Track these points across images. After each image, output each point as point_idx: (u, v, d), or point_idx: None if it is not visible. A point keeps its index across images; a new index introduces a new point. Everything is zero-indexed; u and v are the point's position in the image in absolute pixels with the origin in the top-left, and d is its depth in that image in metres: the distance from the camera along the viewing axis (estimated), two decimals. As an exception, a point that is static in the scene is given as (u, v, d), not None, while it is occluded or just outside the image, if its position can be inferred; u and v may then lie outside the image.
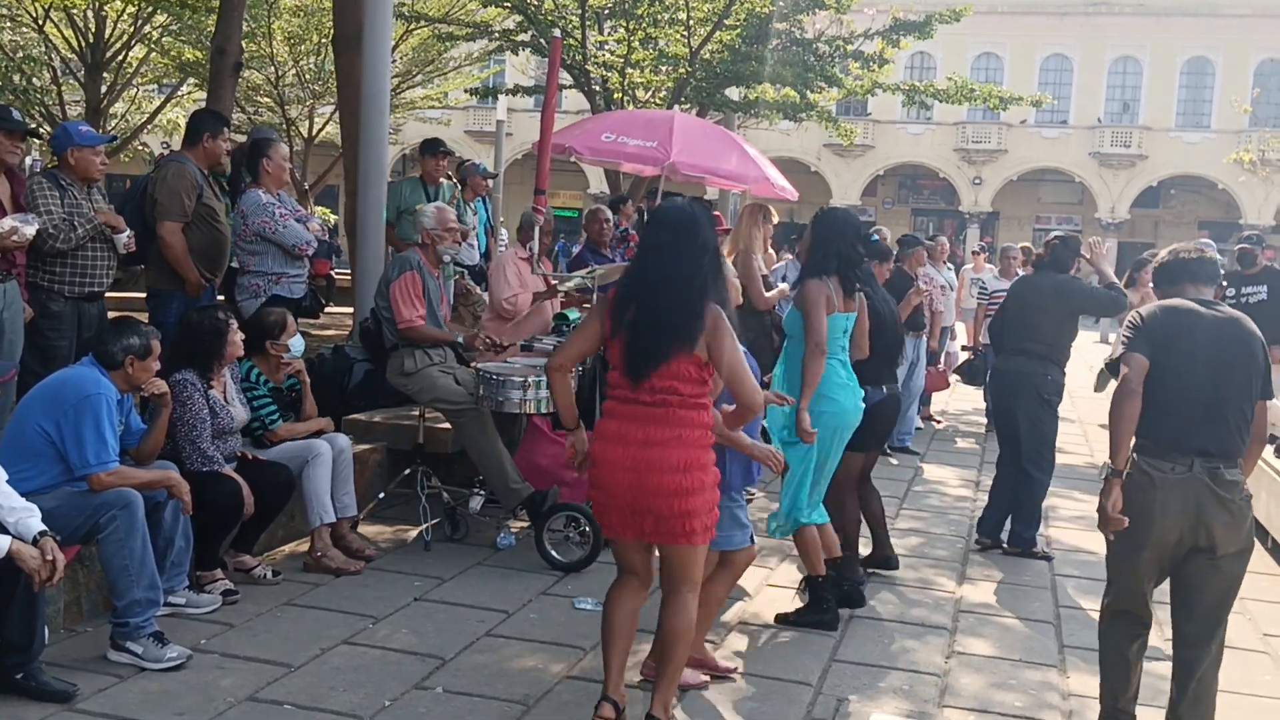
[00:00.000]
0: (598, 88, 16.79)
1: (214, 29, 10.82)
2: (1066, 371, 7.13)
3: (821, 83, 16.47)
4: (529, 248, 7.75)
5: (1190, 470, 4.03)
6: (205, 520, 5.17)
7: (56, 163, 6.27)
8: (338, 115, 13.19)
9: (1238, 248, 11.11)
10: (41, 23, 18.60)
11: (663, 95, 16.66)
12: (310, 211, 8.19)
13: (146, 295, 6.82)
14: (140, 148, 25.82)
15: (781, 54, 16.02)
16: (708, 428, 4.04)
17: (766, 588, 6.14)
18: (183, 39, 20.05)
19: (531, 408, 6.24)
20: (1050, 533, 7.19)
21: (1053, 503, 7.16)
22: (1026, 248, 12.72)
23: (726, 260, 4.91)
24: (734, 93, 17.48)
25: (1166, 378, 4.10)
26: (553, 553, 6.21)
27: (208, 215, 6.62)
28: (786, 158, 38.92)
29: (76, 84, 20.76)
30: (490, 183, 10.65)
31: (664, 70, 16.37)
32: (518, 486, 6.39)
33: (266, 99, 22.96)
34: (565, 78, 16.41)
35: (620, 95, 16.58)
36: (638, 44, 16.17)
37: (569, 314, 7.67)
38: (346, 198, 10.33)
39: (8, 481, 4.23)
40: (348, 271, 9.72)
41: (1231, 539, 4.04)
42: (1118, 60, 43.93)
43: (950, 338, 12.96)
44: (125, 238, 6.15)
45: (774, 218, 8.62)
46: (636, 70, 16.44)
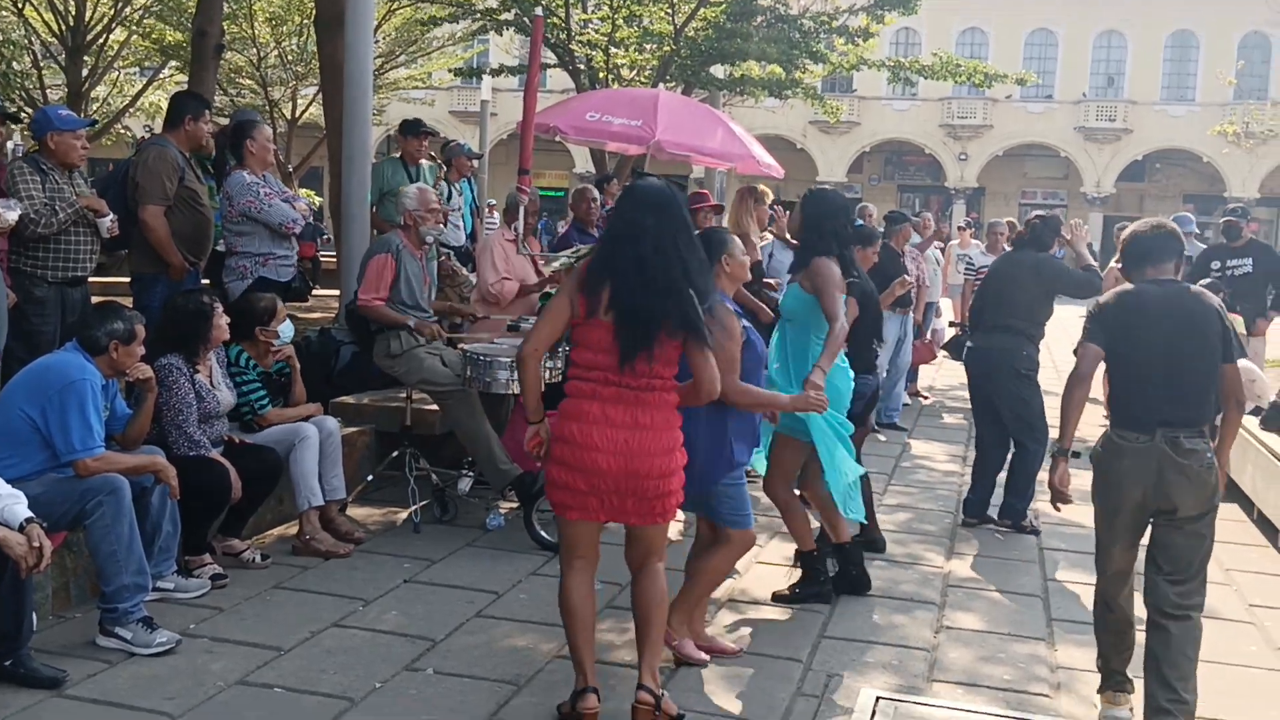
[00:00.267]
0: (582, 66, 16.73)
1: (195, 11, 10.76)
2: (1041, 348, 7.19)
3: (807, 59, 16.44)
4: (514, 228, 7.72)
5: (1153, 440, 4.29)
6: (193, 505, 5.15)
7: (37, 147, 6.23)
8: (320, 97, 13.12)
9: (1223, 221, 11.14)
10: (21, 6, 18.47)
11: (647, 74, 16.60)
12: (295, 193, 8.15)
13: (130, 280, 6.79)
14: (122, 131, 25.66)
15: (766, 31, 15.98)
16: (677, 408, 4.10)
17: (756, 565, 6.16)
18: (164, 21, 19.91)
19: (518, 388, 6.22)
20: (1037, 505, 7.21)
21: (1039, 476, 7.18)
22: (1012, 223, 12.73)
23: (735, 239, 4.88)
24: (719, 70, 17.44)
25: (1125, 359, 4.41)
26: (542, 533, 6.22)
27: (190, 198, 6.58)
28: (772, 135, 38.86)
29: (57, 68, 20.63)
30: (475, 163, 10.60)
31: (648, 48, 16.33)
32: (506, 467, 6.39)
33: (249, 81, 22.86)
34: (549, 57, 16.35)
35: (605, 74, 16.53)
36: (622, 22, 16.12)
37: (554, 294, 7.64)
38: (331, 179, 10.29)
39: (-7, 468, 4.21)
40: (333, 254, 9.69)
41: (1191, 502, 4.27)
42: (1102, 34, 43.93)
43: (935, 314, 12.98)
44: (108, 222, 6.11)
45: (767, 199, 8.62)
46: (621, 49, 16.39)
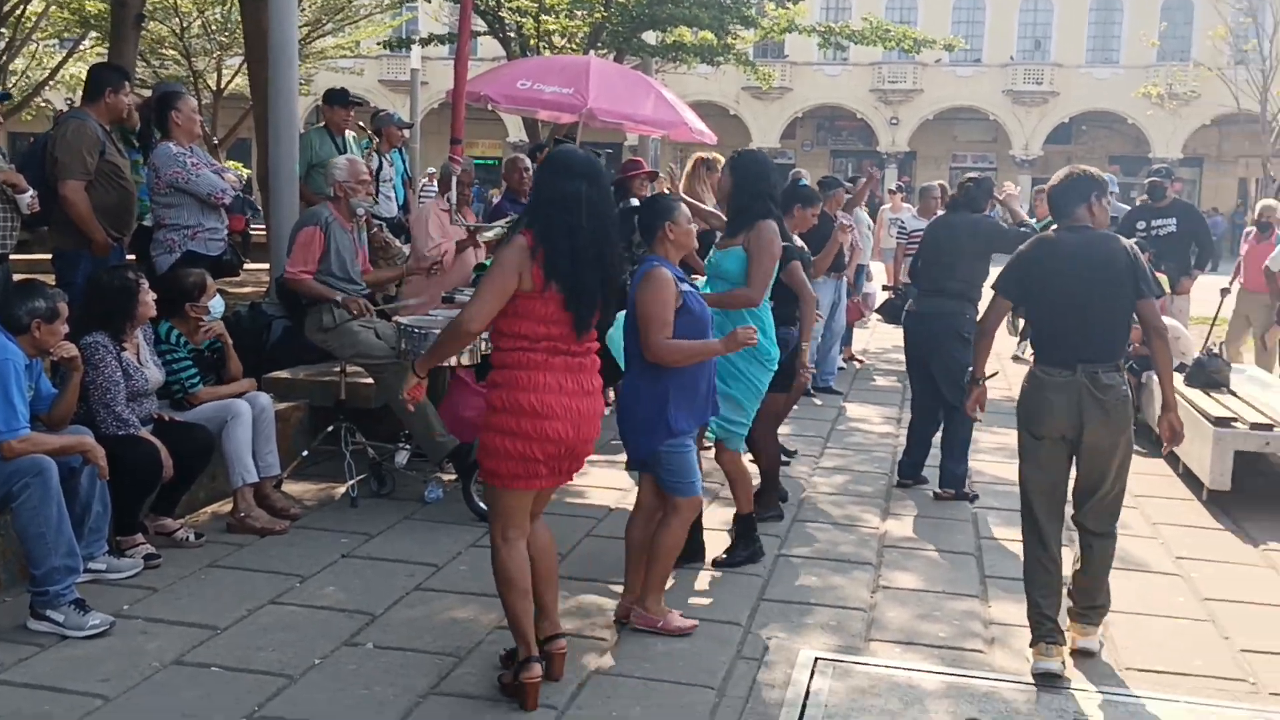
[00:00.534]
0: (512, 34, 16.58)
1: (114, -20, 10.49)
2: (979, 309, 7.24)
3: (738, 24, 16.41)
4: (447, 198, 7.66)
5: (1074, 375, 4.62)
6: (123, 484, 5.07)
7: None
8: (246, 67, 12.88)
9: (1147, 181, 11.31)
10: (-68, -24, 17.89)
11: (579, 40, 16.49)
12: (222, 166, 8.02)
13: (52, 256, 6.66)
14: (42, 105, 25.05)
15: (697, -4, 15.91)
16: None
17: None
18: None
19: (454, 360, 6.17)
20: (971, 464, 7.32)
21: (973, 435, 7.30)
22: (943, 186, 12.83)
23: (681, 206, 4.86)
24: (651, 37, 17.35)
25: (1043, 303, 4.78)
26: (481, 504, 6.19)
27: (112, 172, 6.45)
28: (705, 102, 38.80)
29: (-28, 40, 20.06)
30: (406, 133, 10.49)
31: (579, 15, 16.20)
32: (443, 440, 6.35)
33: (172, 51, 22.39)
34: (479, 24, 16.17)
35: (535, 41, 16.39)
36: (552, -14, 15.97)
37: (488, 264, 7.59)
38: (258, 151, 10.13)
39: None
40: (262, 227, 9.54)
41: (1108, 430, 4.63)
42: (1029, -3, 44.33)
43: (866, 277, 13.08)
44: (28, 198, 5.97)
45: (719, 167, 8.61)
46: (551, 15, 16.24)
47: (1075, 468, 4.73)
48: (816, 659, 4.57)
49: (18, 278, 5.72)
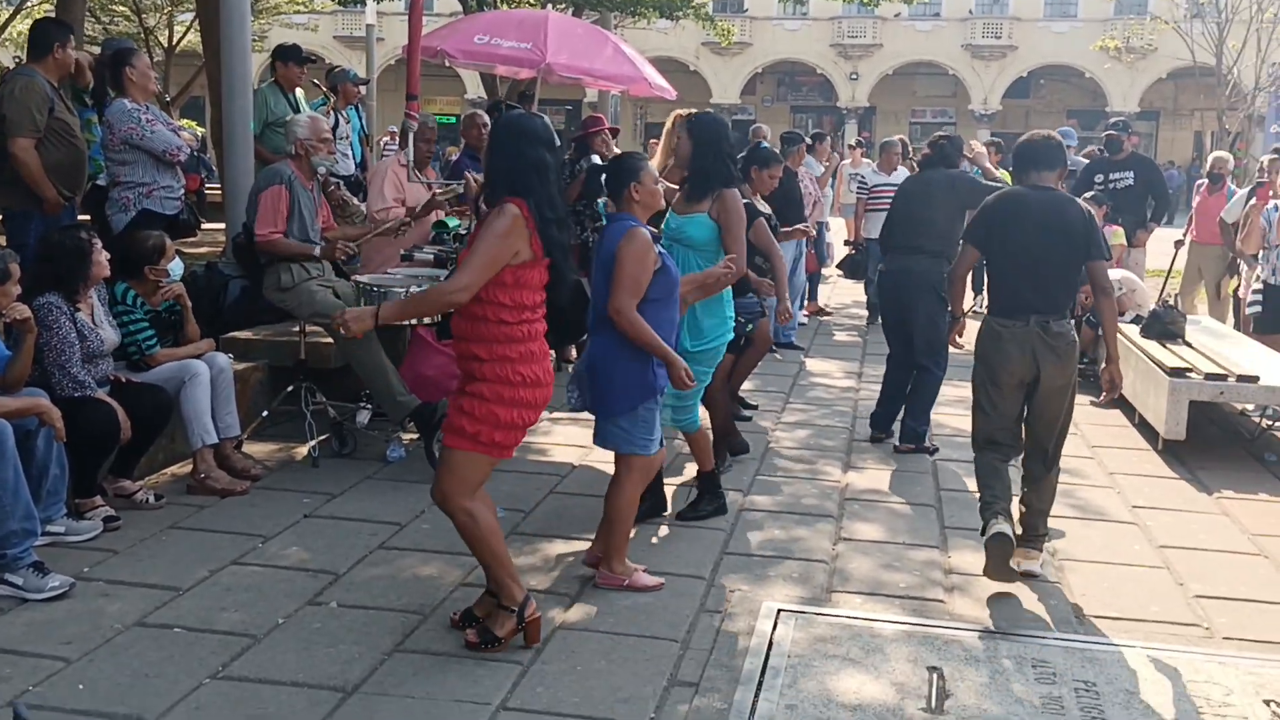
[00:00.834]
0: (469, -12, 16.38)
1: (60, -67, 10.27)
2: None
3: (697, -23, 16.30)
4: (405, 154, 7.59)
5: (1027, 324, 4.99)
6: (80, 446, 5.02)
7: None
8: (198, 23, 12.67)
9: (1105, 134, 11.38)
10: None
11: (536, -6, 16.33)
12: (177, 124, 7.92)
13: (2, 217, 6.55)
14: (-11, 63, 24.55)
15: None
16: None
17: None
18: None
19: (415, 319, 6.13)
20: (933, 417, 7.38)
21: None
22: (904, 141, 12.85)
23: (649, 166, 4.81)
24: (609, -10, 17.21)
25: (1003, 255, 5.13)
26: (445, 464, 6.18)
27: (62, 130, 6.35)
28: (665, 57, 38.57)
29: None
30: (362, 89, 10.36)
31: (537, -32, 16.03)
32: (404, 399, 6.32)
33: (122, 7, 22.00)
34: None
35: (492, -5, 16.21)
36: (508, -60, 15.78)
37: (448, 222, 7.54)
38: (211, 109, 9.98)
39: None
40: (217, 186, 9.42)
41: (1058, 374, 5.03)
42: (988, -50, 44.27)
43: (826, 229, 13.13)
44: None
45: None
46: (508, -31, 16.07)
47: (1029, 407, 5.12)
48: (779, 610, 4.61)
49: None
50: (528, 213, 3.92)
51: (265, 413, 6.67)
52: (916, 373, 7.22)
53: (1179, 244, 11.20)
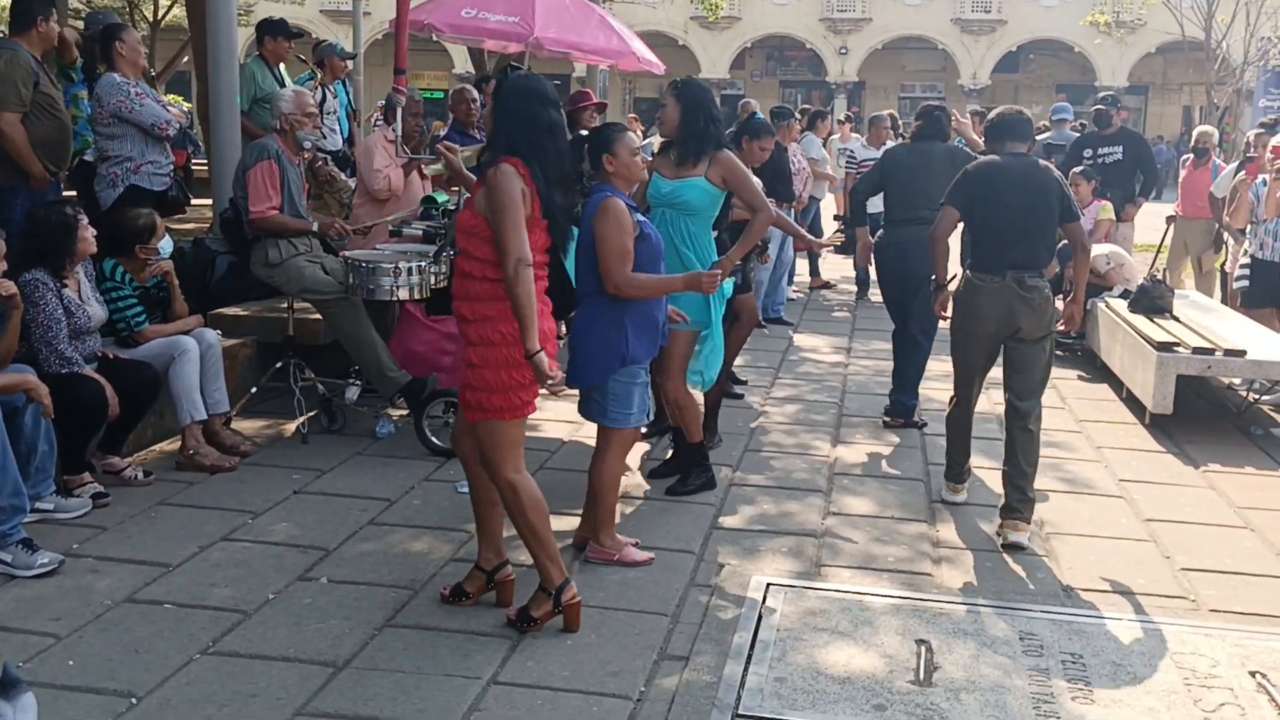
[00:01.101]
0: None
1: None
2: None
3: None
4: (393, 129, 7.55)
5: (1004, 280, 5.30)
6: (68, 423, 5.00)
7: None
8: (183, -3, 12.58)
9: (1093, 109, 11.36)
10: None
11: (524, -32, 16.19)
12: (165, 100, 7.90)
13: (-12, 193, 6.49)
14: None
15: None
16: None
17: (649, 462, 6.21)
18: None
19: (404, 294, 6.12)
20: (922, 391, 7.40)
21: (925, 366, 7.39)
22: (893, 115, 12.83)
23: (627, 136, 4.77)
24: (597, -36, 17.10)
25: (983, 216, 5.45)
26: (433, 439, 6.19)
27: (47, 104, 6.30)
28: (653, 31, 38.40)
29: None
30: (349, 64, 10.29)
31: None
32: (394, 374, 6.32)
33: (106, -19, 21.79)
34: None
35: (480, -31, 16.08)
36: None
37: (437, 196, 7.52)
38: (198, 84, 9.91)
39: None
40: (204, 162, 9.37)
41: (1033, 327, 5.31)
42: (978, -76, 44.10)
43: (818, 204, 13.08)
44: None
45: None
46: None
47: (1005, 359, 5.44)
48: (769, 584, 4.63)
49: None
50: (524, 171, 3.91)
51: (254, 389, 6.66)
52: (906, 347, 7.21)
53: (1170, 219, 11.21)
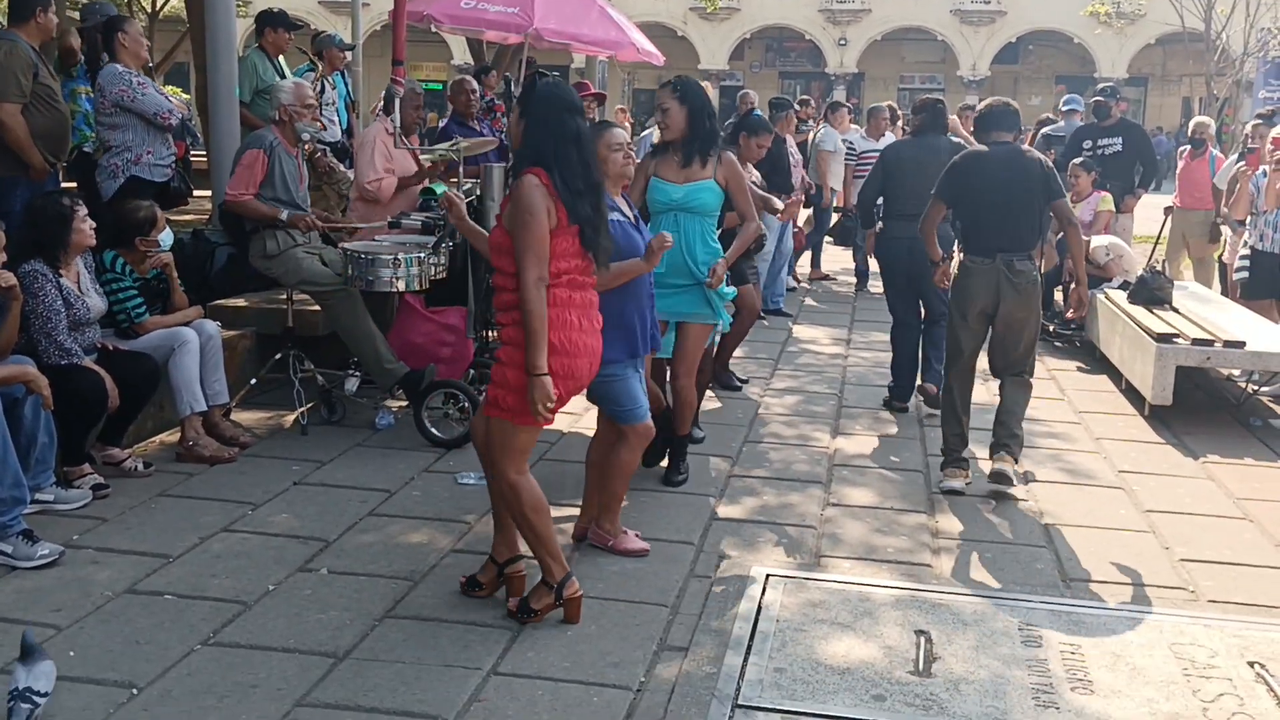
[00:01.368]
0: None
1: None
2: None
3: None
4: (392, 120, 7.54)
5: (993, 262, 5.67)
6: (68, 414, 5.00)
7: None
8: (181, -12, 12.55)
9: (1093, 101, 11.35)
10: None
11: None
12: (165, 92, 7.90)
13: (-12, 184, 6.49)
14: (-32, 28, 24.24)
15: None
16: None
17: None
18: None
19: (402, 285, 6.11)
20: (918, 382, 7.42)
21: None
22: (892, 107, 12.80)
23: (612, 131, 4.76)
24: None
25: (972, 203, 5.78)
26: (433, 430, 6.20)
27: (46, 95, 6.31)
28: (652, 22, 38.30)
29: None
30: (348, 56, 10.28)
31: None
32: (393, 366, 6.32)
33: (103, -28, 21.70)
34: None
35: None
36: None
37: (435, 188, 7.51)
38: (196, 75, 9.90)
39: None
40: (203, 153, 9.37)
41: (1019, 307, 5.69)
42: (977, -86, 43.94)
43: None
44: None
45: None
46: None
47: (991, 336, 5.83)
48: (768, 575, 4.63)
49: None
50: (547, 180, 3.89)
51: (253, 380, 6.66)
52: (932, 328, 7.25)
53: (1169, 211, 11.21)
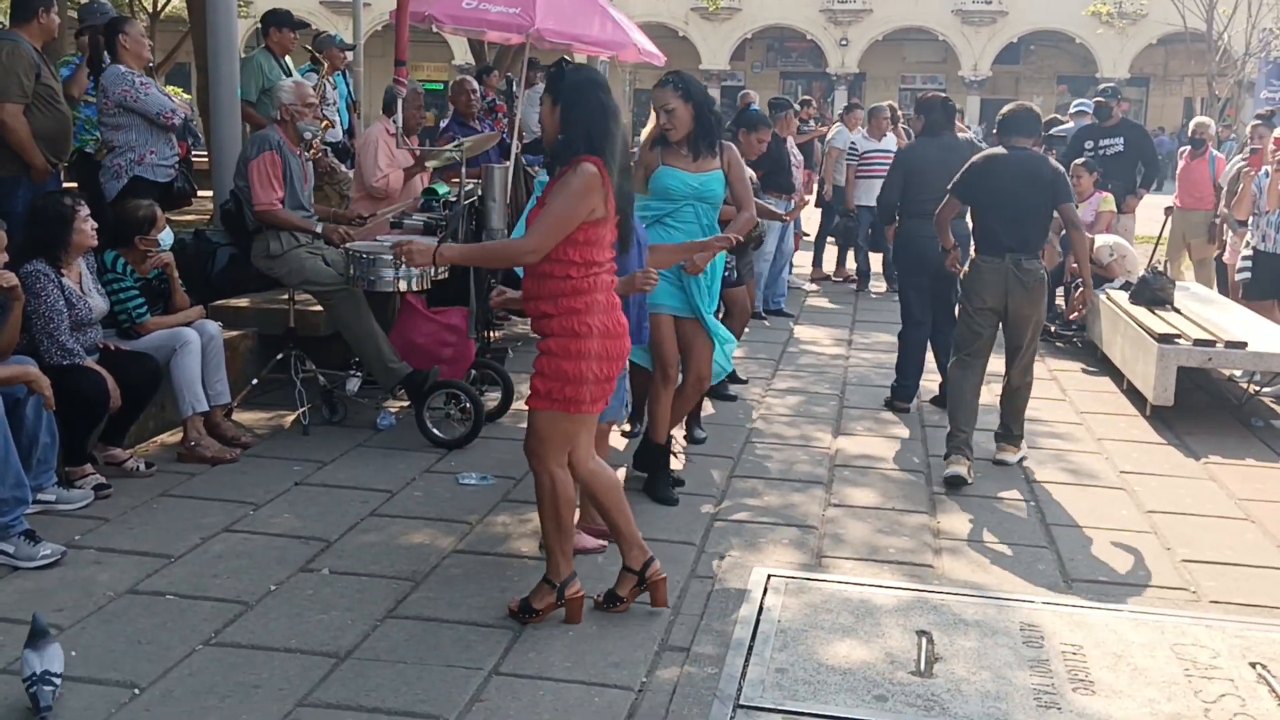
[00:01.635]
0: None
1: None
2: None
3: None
4: (394, 121, 7.55)
5: (1003, 261, 5.97)
6: (70, 414, 5.00)
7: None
8: (182, -12, 12.55)
9: (1094, 101, 11.34)
10: None
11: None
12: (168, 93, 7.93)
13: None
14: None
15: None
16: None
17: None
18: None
19: (404, 285, 6.11)
20: (923, 383, 7.41)
21: (925, 356, 7.41)
22: (892, 106, 12.79)
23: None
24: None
25: (985, 203, 6.08)
26: (434, 430, 6.20)
27: (48, 96, 6.31)
28: (654, 23, 38.32)
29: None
30: (349, 56, 10.29)
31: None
32: (395, 366, 6.32)
33: (105, -28, 21.71)
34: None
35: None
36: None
37: (438, 188, 7.51)
38: (198, 75, 9.90)
39: None
40: (204, 153, 9.38)
41: (1026, 305, 5.99)
42: (978, -86, 43.91)
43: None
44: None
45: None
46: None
47: (1004, 330, 6.09)
48: (770, 576, 4.63)
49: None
50: (604, 170, 3.88)
51: (255, 380, 6.66)
52: (938, 335, 7.29)
53: (1169, 211, 11.20)
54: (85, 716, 3.44)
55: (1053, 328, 9.45)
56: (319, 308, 6.65)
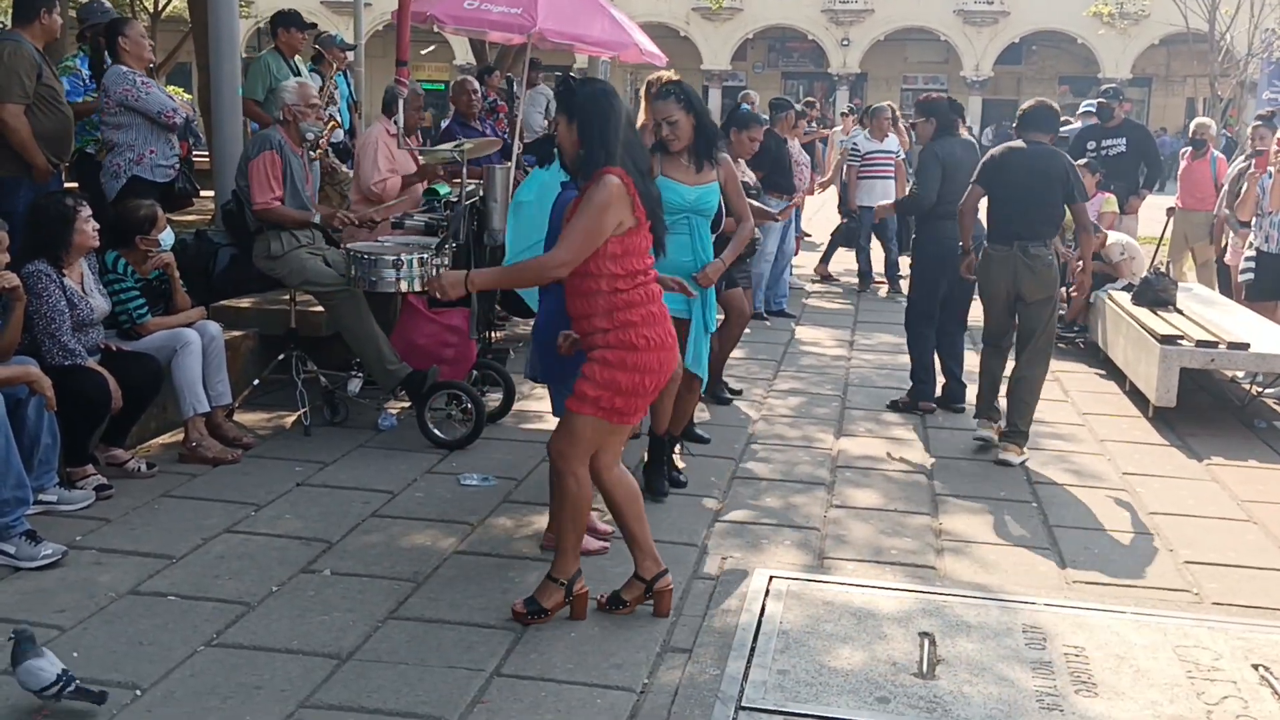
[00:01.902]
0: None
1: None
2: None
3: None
4: (395, 121, 7.54)
5: (1011, 249, 6.24)
6: (71, 415, 4.99)
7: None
8: (184, -12, 12.55)
9: (1096, 102, 11.34)
10: None
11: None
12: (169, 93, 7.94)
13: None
14: (-28, 29, 24.23)
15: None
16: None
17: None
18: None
19: (405, 286, 6.10)
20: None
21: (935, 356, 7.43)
22: (893, 107, 12.78)
23: None
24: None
25: (1000, 194, 6.35)
26: (435, 431, 6.19)
27: (49, 96, 6.31)
28: (655, 23, 38.31)
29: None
30: (350, 56, 10.28)
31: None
32: (395, 367, 6.31)
33: (106, -28, 21.70)
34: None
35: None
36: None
37: (439, 189, 7.51)
38: (199, 75, 9.90)
39: None
40: (205, 154, 9.38)
41: (1036, 290, 6.24)
42: (981, -86, 43.88)
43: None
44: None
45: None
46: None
47: (1018, 316, 6.33)
48: (772, 577, 4.63)
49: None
50: (629, 179, 3.86)
51: (256, 381, 6.66)
52: (943, 338, 7.33)
53: (1171, 211, 11.20)
54: (86, 717, 3.44)
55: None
56: (320, 308, 6.64)
